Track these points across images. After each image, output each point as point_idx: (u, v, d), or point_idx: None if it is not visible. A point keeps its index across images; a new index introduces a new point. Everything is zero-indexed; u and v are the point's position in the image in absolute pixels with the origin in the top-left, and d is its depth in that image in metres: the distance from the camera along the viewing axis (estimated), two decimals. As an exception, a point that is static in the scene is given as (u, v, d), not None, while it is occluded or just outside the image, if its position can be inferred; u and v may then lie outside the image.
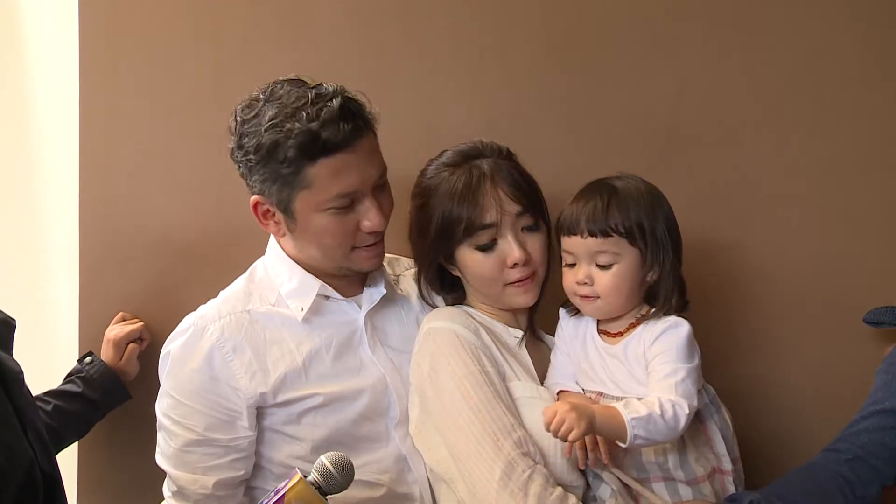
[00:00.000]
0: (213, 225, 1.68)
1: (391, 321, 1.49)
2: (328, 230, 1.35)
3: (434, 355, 1.35)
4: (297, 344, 1.39)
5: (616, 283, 1.32)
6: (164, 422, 1.39)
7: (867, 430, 1.42)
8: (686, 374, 1.27)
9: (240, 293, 1.44)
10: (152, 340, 1.66)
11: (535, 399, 1.34)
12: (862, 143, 1.70)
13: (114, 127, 1.66)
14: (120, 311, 1.66)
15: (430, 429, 1.36)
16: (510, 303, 1.42)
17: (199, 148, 1.67)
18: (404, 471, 1.42)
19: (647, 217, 1.32)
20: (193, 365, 1.36)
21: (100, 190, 1.66)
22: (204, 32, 1.67)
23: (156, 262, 1.68)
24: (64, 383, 1.58)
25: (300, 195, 1.32)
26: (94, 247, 1.66)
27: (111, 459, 1.68)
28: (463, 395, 1.30)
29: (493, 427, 1.27)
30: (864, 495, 1.38)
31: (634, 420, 1.21)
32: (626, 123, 1.70)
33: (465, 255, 1.40)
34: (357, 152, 1.31)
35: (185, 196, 1.68)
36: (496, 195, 1.36)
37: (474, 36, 1.69)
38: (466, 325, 1.37)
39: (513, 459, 1.24)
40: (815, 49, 1.70)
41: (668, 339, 1.30)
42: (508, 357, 1.39)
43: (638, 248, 1.32)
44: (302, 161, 1.29)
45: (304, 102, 1.29)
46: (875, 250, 1.71)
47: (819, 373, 1.72)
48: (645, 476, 1.30)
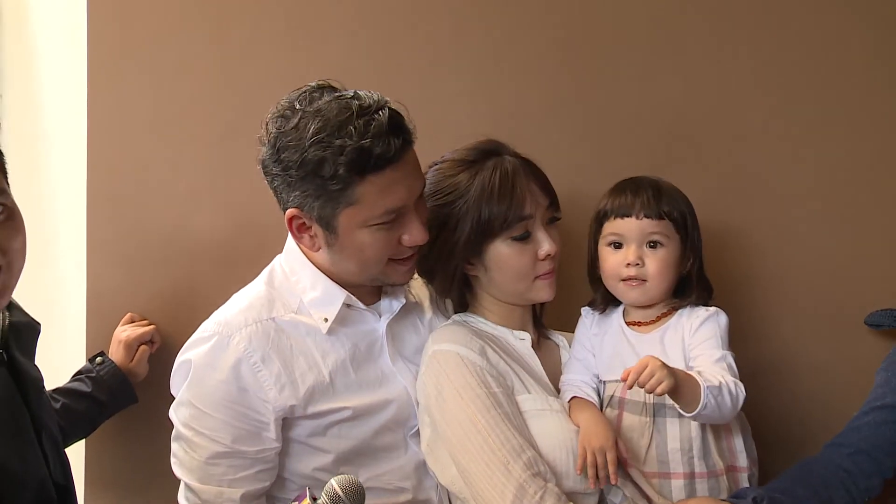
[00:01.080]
0: (222, 226, 1.68)
1: (409, 330, 1.48)
2: (371, 246, 1.32)
3: (439, 379, 1.35)
4: (322, 355, 1.36)
5: (664, 266, 1.37)
6: (185, 433, 1.34)
7: (869, 424, 1.45)
8: (733, 360, 1.33)
9: (263, 299, 1.38)
10: (161, 343, 1.66)
11: (546, 411, 1.34)
12: (868, 144, 1.73)
13: (122, 127, 1.67)
14: (128, 312, 1.65)
15: (440, 449, 1.36)
16: (535, 297, 1.43)
17: (208, 148, 1.68)
18: (423, 477, 1.41)
19: (685, 210, 1.40)
20: (220, 376, 1.31)
21: (108, 190, 1.66)
22: (212, 32, 1.68)
23: (164, 263, 1.68)
24: (72, 381, 1.57)
25: (345, 211, 1.28)
26: (102, 247, 1.66)
27: (119, 458, 1.68)
28: (470, 420, 1.29)
29: (502, 450, 1.26)
30: (866, 487, 1.41)
31: (709, 388, 1.23)
32: (633, 123, 1.72)
33: (499, 249, 1.39)
34: (404, 166, 1.28)
35: (194, 197, 1.68)
36: (530, 188, 1.39)
37: (480, 36, 1.71)
38: (471, 345, 1.37)
39: (524, 482, 1.24)
40: (822, 49, 1.73)
41: (712, 325, 1.36)
42: (516, 368, 1.39)
43: (681, 236, 1.39)
44: (351, 178, 1.25)
45: (349, 115, 1.24)
46: (878, 252, 1.74)
47: (822, 372, 1.74)
48: (666, 471, 1.31)
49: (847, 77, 1.72)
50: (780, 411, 1.64)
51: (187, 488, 1.36)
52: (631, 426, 1.33)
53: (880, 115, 1.73)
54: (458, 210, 1.39)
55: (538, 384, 1.39)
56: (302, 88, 1.31)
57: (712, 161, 1.70)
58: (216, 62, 1.68)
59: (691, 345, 1.35)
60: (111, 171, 1.66)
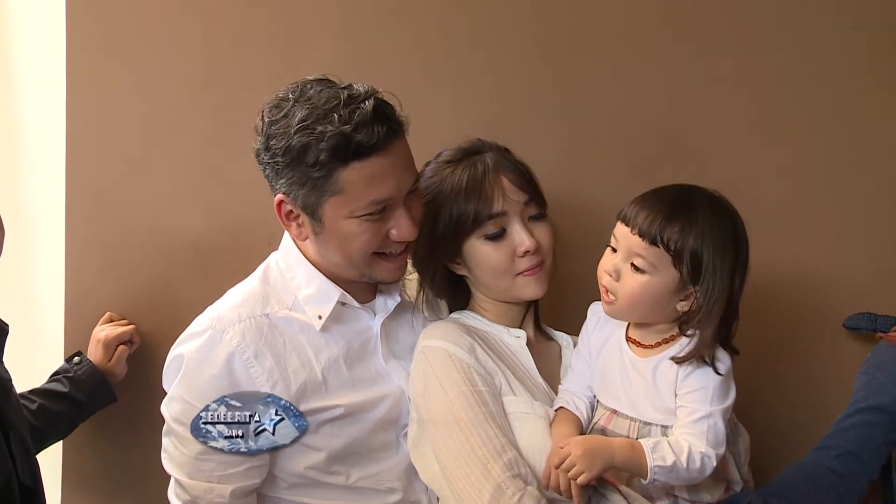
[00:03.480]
0: (204, 224, 1.66)
1: (403, 329, 1.47)
2: (357, 237, 1.30)
3: (426, 375, 1.34)
4: (316, 352, 1.36)
5: (637, 292, 1.24)
6: (176, 428, 1.33)
7: (854, 426, 1.46)
8: (720, 418, 1.21)
9: (257, 295, 1.37)
10: (141, 342, 1.64)
11: (529, 415, 1.33)
12: (850, 148, 1.74)
13: (102, 123, 1.64)
14: (107, 311, 1.64)
15: (424, 445, 1.35)
16: (520, 294, 1.41)
17: (189, 146, 1.66)
18: (413, 478, 1.40)
19: (708, 251, 1.22)
20: (212, 370, 1.30)
21: (87, 188, 1.64)
22: (194, 29, 1.66)
23: (144, 262, 1.66)
24: (49, 381, 1.55)
25: (330, 200, 1.27)
26: (81, 245, 1.64)
27: (97, 459, 1.66)
28: (454, 417, 1.28)
29: (483, 450, 1.25)
30: (855, 489, 1.42)
31: (658, 468, 1.18)
32: (617, 125, 1.72)
33: (474, 248, 1.39)
34: (391, 156, 1.26)
35: (174, 196, 1.67)
36: (501, 185, 1.37)
37: (466, 38, 1.71)
38: (460, 342, 1.36)
39: (502, 483, 1.23)
40: (804, 53, 1.74)
41: (705, 375, 1.23)
42: (505, 369, 1.37)
43: (678, 272, 1.23)
44: (333, 165, 1.24)
45: (336, 104, 1.24)
46: (857, 255, 1.75)
47: (803, 375, 1.76)
48: (648, 495, 1.26)
49: (830, 80, 1.74)
50: (762, 415, 1.64)
51: (177, 484, 1.34)
52: None
53: (862, 118, 1.74)
54: (437, 209, 1.39)
55: (525, 387, 1.37)
56: (300, 80, 1.32)
57: (694, 164, 1.70)
58: (198, 59, 1.66)
59: (680, 392, 1.24)
60: (90, 169, 1.64)
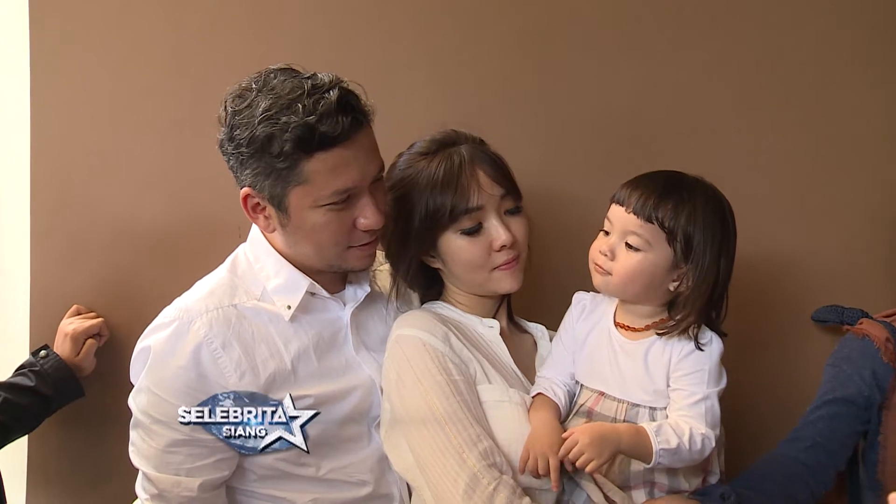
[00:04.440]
0: (172, 216, 1.65)
1: (374, 319, 1.47)
2: (324, 228, 1.29)
3: (400, 364, 1.34)
4: (285, 342, 1.34)
5: (634, 269, 1.27)
6: (143, 420, 1.31)
7: (822, 418, 1.49)
8: (716, 399, 1.25)
9: (225, 286, 1.36)
10: (109, 335, 1.62)
11: (505, 403, 1.33)
12: (823, 141, 1.76)
13: (68, 113, 1.62)
14: (74, 304, 1.61)
15: (398, 436, 1.34)
16: (496, 288, 1.41)
17: (156, 136, 1.64)
18: (385, 470, 1.40)
19: (699, 231, 1.26)
20: (179, 362, 1.28)
21: (52, 178, 1.62)
22: (162, 17, 1.64)
23: (111, 255, 1.63)
24: (15, 375, 1.52)
25: (295, 191, 1.26)
26: (47, 238, 1.62)
27: (63, 456, 1.64)
28: (428, 406, 1.28)
29: (458, 439, 1.25)
30: (822, 480, 1.44)
31: (663, 451, 1.20)
32: (591, 118, 1.73)
33: (449, 242, 1.38)
34: (355, 146, 1.26)
35: (142, 186, 1.64)
36: (478, 178, 1.36)
37: (443, 31, 1.70)
38: (434, 331, 1.35)
39: (477, 472, 1.22)
40: (777, 47, 1.75)
41: (699, 358, 1.26)
42: (479, 357, 1.37)
43: (672, 249, 1.26)
44: (298, 155, 1.23)
45: (300, 94, 1.23)
46: (825, 249, 1.77)
47: (771, 368, 1.77)
48: (627, 485, 1.28)
49: (802, 74, 1.75)
50: (731, 408, 1.66)
51: (144, 477, 1.32)
52: None
53: (834, 111, 1.76)
54: (411, 202, 1.38)
55: (501, 375, 1.37)
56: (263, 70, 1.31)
57: (667, 157, 1.68)
58: (166, 48, 1.64)
59: (674, 374, 1.27)
60: (55, 160, 1.62)
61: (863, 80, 1.76)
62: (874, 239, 1.76)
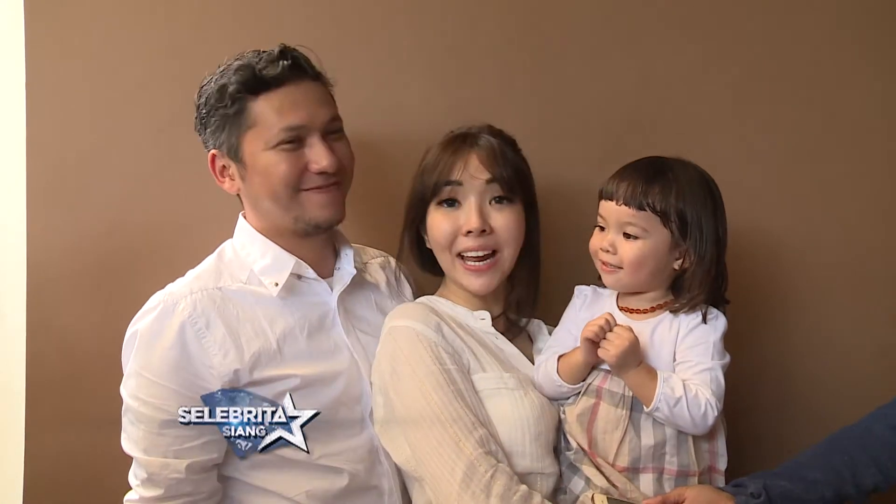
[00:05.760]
0: (166, 214, 1.65)
1: (363, 306, 1.48)
2: (275, 168, 1.34)
3: (394, 355, 1.34)
4: (270, 323, 1.37)
5: (639, 256, 1.32)
6: (132, 404, 1.33)
7: None
8: (720, 372, 1.28)
9: (211, 271, 1.40)
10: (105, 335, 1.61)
11: (501, 389, 1.33)
12: (819, 132, 1.75)
13: (63, 112, 1.62)
14: (68, 302, 1.61)
15: (394, 428, 1.34)
16: (462, 283, 1.42)
17: (152, 136, 1.64)
18: (375, 462, 1.40)
19: (690, 206, 1.31)
20: (165, 343, 1.31)
21: (48, 177, 1.62)
22: (155, 19, 1.64)
23: (106, 253, 1.63)
24: None
25: (247, 136, 1.34)
26: (43, 236, 1.62)
27: (60, 454, 1.62)
28: (423, 396, 1.28)
29: (454, 427, 1.26)
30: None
31: (664, 395, 1.24)
32: (589, 110, 1.73)
33: (430, 214, 1.41)
34: (301, 91, 1.35)
35: (138, 184, 1.65)
36: (468, 157, 1.38)
37: (439, 22, 1.70)
38: (427, 322, 1.36)
39: (474, 460, 1.23)
40: (772, 39, 1.75)
41: (705, 331, 1.31)
42: (473, 345, 1.37)
43: (669, 230, 1.31)
44: (244, 97, 1.33)
45: (249, 53, 1.36)
46: (827, 238, 1.76)
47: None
48: (636, 466, 1.29)
49: (798, 67, 1.75)
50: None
51: (135, 463, 1.34)
52: (606, 417, 1.30)
53: (831, 104, 1.75)
54: (416, 179, 1.43)
55: (495, 360, 1.37)
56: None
57: (664, 149, 1.71)
58: (160, 47, 1.64)
59: (680, 347, 1.31)
60: (51, 159, 1.62)
61: (865, 72, 1.76)
62: (873, 229, 1.75)
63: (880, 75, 1.76)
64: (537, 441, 1.31)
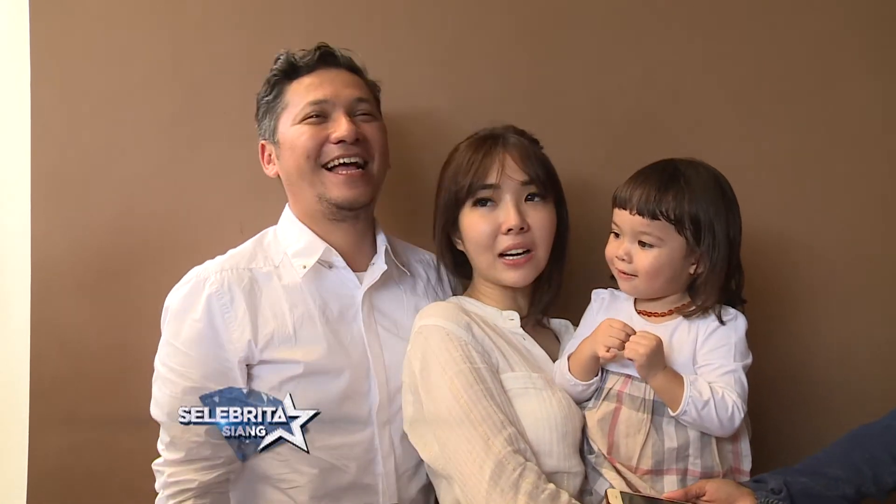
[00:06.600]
0: (172, 212, 1.65)
1: (392, 304, 1.50)
2: (298, 140, 1.41)
3: (425, 353, 1.35)
4: (291, 307, 1.41)
5: (655, 265, 1.31)
6: (161, 370, 1.40)
7: None
8: (743, 373, 1.29)
9: (246, 252, 1.47)
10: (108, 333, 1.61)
11: (529, 389, 1.33)
12: (822, 130, 1.74)
13: (68, 111, 1.63)
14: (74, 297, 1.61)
15: (423, 426, 1.35)
16: (500, 278, 1.42)
17: (157, 133, 1.65)
18: (372, 462, 1.40)
19: (704, 211, 1.30)
20: (194, 315, 1.38)
21: (53, 175, 1.63)
22: (160, 15, 1.65)
23: (111, 251, 1.64)
24: None
25: (282, 118, 1.44)
26: (48, 234, 1.62)
27: (64, 453, 1.63)
28: (453, 394, 1.29)
29: (483, 426, 1.26)
30: None
31: (692, 399, 1.24)
32: (591, 109, 1.72)
33: (465, 216, 1.42)
34: (331, 74, 1.45)
35: (143, 181, 1.65)
36: (503, 159, 1.39)
37: (442, 19, 1.70)
38: (457, 321, 1.36)
39: (503, 458, 1.23)
40: (776, 38, 1.74)
41: (726, 333, 1.31)
42: (502, 345, 1.38)
43: (684, 238, 1.30)
44: (282, 83, 1.45)
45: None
46: (829, 236, 1.75)
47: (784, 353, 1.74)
48: (660, 468, 1.29)
49: (802, 66, 1.74)
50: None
51: (161, 428, 1.40)
52: (628, 421, 1.30)
53: (834, 102, 1.74)
54: (444, 179, 1.44)
55: (524, 360, 1.38)
56: None
57: (667, 148, 1.69)
58: (165, 46, 1.65)
59: (701, 351, 1.31)
60: (55, 157, 1.63)
61: (863, 66, 1.75)
62: (875, 229, 1.74)
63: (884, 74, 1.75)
64: (564, 440, 1.31)
